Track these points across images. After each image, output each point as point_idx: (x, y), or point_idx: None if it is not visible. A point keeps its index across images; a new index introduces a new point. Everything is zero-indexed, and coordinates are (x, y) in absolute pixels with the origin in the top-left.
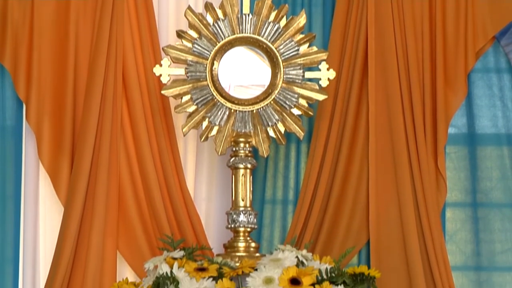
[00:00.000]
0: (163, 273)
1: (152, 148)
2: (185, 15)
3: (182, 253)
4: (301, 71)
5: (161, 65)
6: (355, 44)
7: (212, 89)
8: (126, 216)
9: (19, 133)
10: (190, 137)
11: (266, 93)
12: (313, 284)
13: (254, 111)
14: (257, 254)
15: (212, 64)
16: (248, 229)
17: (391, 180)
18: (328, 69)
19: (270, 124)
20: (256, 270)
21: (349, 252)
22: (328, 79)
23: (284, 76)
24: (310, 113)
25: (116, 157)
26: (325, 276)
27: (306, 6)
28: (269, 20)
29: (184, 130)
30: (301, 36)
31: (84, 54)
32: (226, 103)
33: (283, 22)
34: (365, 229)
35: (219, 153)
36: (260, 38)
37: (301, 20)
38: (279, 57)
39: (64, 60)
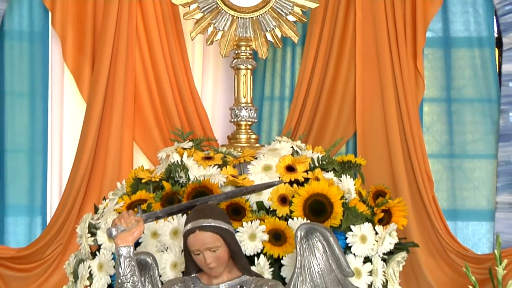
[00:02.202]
0: (174, 162)
1: (163, 51)
2: None
3: (191, 144)
4: None
5: None
6: None
7: None
8: (141, 111)
9: (45, 38)
10: (197, 41)
11: (265, 2)
12: (306, 171)
13: (254, 18)
14: (257, 145)
15: None
16: (249, 123)
17: (376, 78)
18: None
19: (268, 29)
20: (256, 158)
21: (338, 143)
22: None
23: None
24: (303, 19)
25: (132, 59)
26: (317, 164)
27: None
28: None
29: (192, 34)
30: None
31: None
32: (229, 10)
33: None
34: (352, 122)
35: (223, 56)
36: None
37: None
38: None
39: None
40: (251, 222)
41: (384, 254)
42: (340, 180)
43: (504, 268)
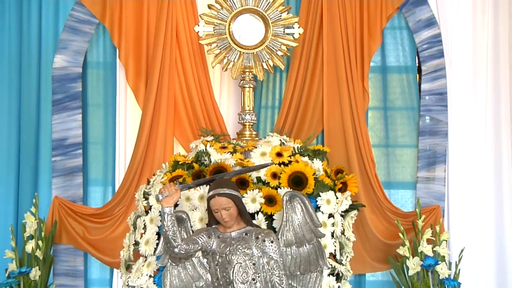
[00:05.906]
0: (201, 150)
1: (193, 75)
2: None
3: (212, 138)
4: (282, 28)
5: (199, 25)
6: (315, 14)
7: (230, 40)
8: (179, 117)
9: (114, 67)
10: (216, 68)
11: (261, 42)
12: (289, 156)
13: (255, 53)
14: (256, 138)
15: (230, 24)
16: (251, 123)
17: (336, 93)
18: (299, 27)
19: (264, 60)
20: (256, 148)
21: (311, 137)
22: (299, 33)
23: (272, 32)
24: (288, 54)
25: (173, 80)
26: (297, 151)
27: None
28: None
29: (212, 64)
30: (283, 7)
31: (153, 17)
32: (237, 48)
33: None
34: (321, 123)
35: (234, 78)
36: (258, 8)
37: None
38: (269, 20)
39: (141, 21)
40: (253, 190)
41: (342, 212)
42: (313, 162)
43: (422, 221)
